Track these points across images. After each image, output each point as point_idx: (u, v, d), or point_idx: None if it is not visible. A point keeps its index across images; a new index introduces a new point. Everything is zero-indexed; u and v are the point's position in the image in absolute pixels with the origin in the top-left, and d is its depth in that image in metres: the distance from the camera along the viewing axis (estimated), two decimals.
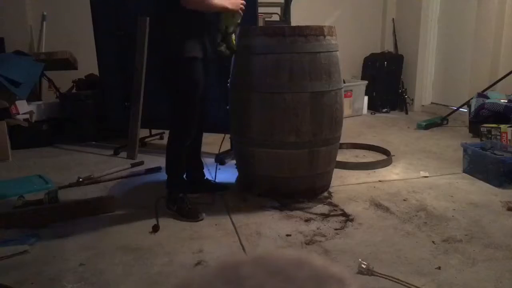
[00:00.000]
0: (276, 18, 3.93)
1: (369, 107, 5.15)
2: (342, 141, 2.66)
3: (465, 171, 2.84)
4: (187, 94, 2.18)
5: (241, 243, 1.97)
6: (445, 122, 4.33)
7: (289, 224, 2.14)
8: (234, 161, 2.72)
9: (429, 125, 4.21)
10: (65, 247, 1.93)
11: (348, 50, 4.40)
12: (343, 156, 3.17)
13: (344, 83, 3.02)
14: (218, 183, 2.63)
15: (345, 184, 2.70)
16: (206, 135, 3.69)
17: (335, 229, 2.08)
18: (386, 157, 3.17)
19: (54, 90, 4.07)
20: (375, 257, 1.81)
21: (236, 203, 2.43)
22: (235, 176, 2.68)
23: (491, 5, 4.06)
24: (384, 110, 5.14)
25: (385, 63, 5.17)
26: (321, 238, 1.99)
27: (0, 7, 4.34)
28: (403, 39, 5.32)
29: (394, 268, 1.72)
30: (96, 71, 3.82)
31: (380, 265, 1.72)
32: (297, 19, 3.95)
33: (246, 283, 0.31)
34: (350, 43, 4.78)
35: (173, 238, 2.00)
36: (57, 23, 4.52)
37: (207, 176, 2.66)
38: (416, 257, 1.80)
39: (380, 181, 2.76)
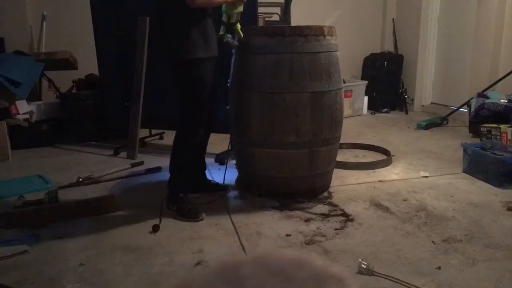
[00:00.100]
0: (276, 18, 3.93)
1: (369, 107, 5.15)
2: (342, 141, 2.66)
3: (465, 171, 2.84)
4: (194, 93, 2.17)
5: (241, 243, 1.97)
6: (445, 122, 4.33)
7: (289, 224, 2.14)
8: (234, 161, 2.72)
9: (429, 125, 4.21)
10: (65, 247, 1.93)
11: (348, 50, 4.40)
12: (343, 156, 3.17)
13: (344, 83, 3.02)
14: (218, 183, 2.63)
15: (345, 184, 2.70)
16: None
17: (335, 229, 2.08)
18: (386, 157, 3.17)
19: (54, 90, 4.07)
20: (375, 257, 1.81)
21: (236, 203, 2.43)
22: (235, 176, 2.68)
23: (491, 5, 4.06)
24: (384, 110, 5.14)
25: (385, 63, 5.17)
26: (321, 238, 1.99)
27: (0, 7, 4.34)
28: (403, 39, 5.32)
29: (394, 268, 1.72)
30: (96, 71, 3.82)
31: (380, 265, 1.72)
32: (297, 19, 3.95)
33: (246, 283, 0.31)
34: (350, 43, 4.78)
35: (173, 238, 2.00)
36: (57, 23, 4.51)
37: (208, 176, 2.66)
38: (416, 257, 1.80)
39: (380, 181, 2.76)
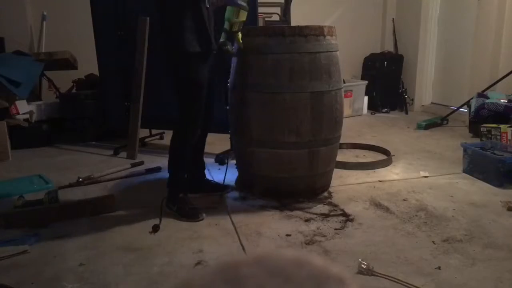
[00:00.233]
0: (276, 18, 3.93)
1: (369, 107, 5.15)
2: (342, 141, 2.66)
3: (465, 171, 2.84)
4: (190, 90, 2.15)
5: (241, 243, 1.97)
6: (445, 122, 4.33)
7: (289, 224, 2.14)
8: (234, 161, 2.72)
9: (429, 125, 4.21)
10: (65, 247, 1.93)
11: (348, 50, 4.40)
12: (343, 156, 3.17)
13: (344, 83, 3.02)
14: (218, 183, 2.62)
15: (345, 184, 2.70)
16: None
17: (335, 229, 2.08)
18: (386, 157, 3.17)
19: (54, 90, 4.07)
20: (375, 257, 1.81)
21: (236, 203, 2.43)
22: (235, 176, 2.68)
23: (491, 5, 4.06)
24: (384, 110, 5.14)
25: (385, 63, 5.17)
26: (321, 238, 1.99)
27: (0, 7, 4.34)
28: (403, 39, 5.33)
29: (394, 268, 1.72)
30: (96, 71, 3.82)
31: (380, 265, 1.72)
32: (297, 19, 3.96)
33: (246, 283, 0.31)
34: (350, 43, 4.78)
35: (173, 238, 2.00)
36: (57, 23, 4.52)
37: (208, 176, 2.65)
38: (416, 257, 1.80)
39: (380, 181, 2.76)
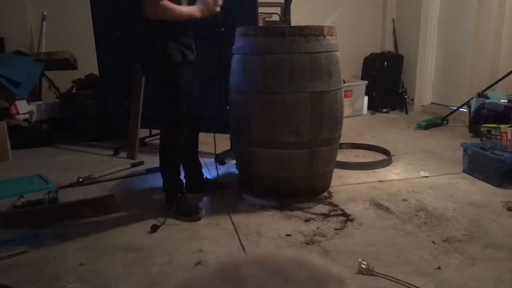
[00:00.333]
0: (276, 18, 3.93)
1: (369, 107, 5.15)
2: (342, 141, 2.66)
3: (465, 171, 2.84)
4: (173, 97, 2.19)
5: (241, 243, 1.97)
6: (445, 122, 4.33)
7: (289, 224, 2.14)
8: (234, 161, 2.72)
9: (429, 125, 4.21)
10: (65, 247, 1.93)
11: (348, 50, 4.40)
12: (343, 156, 3.17)
13: (344, 83, 3.02)
14: (218, 182, 2.63)
15: (345, 184, 2.70)
16: (206, 135, 3.71)
17: (335, 229, 2.08)
18: (386, 157, 3.17)
19: (54, 90, 4.07)
20: (375, 257, 1.81)
21: (236, 203, 2.43)
22: (235, 176, 2.68)
23: (491, 5, 4.06)
24: (384, 110, 5.14)
25: (385, 63, 5.17)
26: (321, 238, 1.99)
27: (0, 7, 4.34)
28: (403, 39, 5.33)
29: (394, 268, 1.72)
30: (96, 71, 3.82)
31: (380, 265, 1.72)
32: (297, 19, 3.95)
33: (246, 283, 0.31)
34: (350, 43, 4.78)
35: (173, 238, 2.00)
36: (57, 23, 4.52)
37: (208, 176, 2.66)
38: (416, 257, 1.80)
39: (380, 181, 2.76)
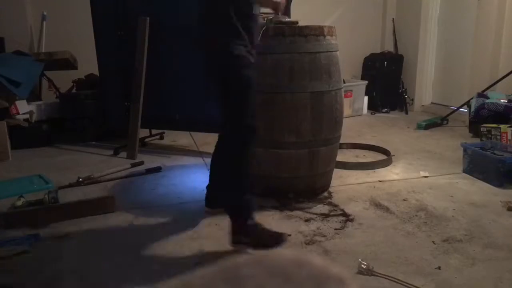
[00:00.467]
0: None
1: (369, 107, 5.15)
2: (342, 141, 2.66)
3: (465, 171, 2.84)
4: (243, 89, 1.86)
5: None
6: (445, 122, 4.33)
7: (289, 224, 2.14)
8: None
9: (429, 125, 4.21)
10: (65, 247, 1.93)
11: (348, 50, 4.39)
12: (343, 156, 3.17)
13: (344, 83, 3.02)
14: None
15: (345, 184, 2.70)
16: (206, 135, 3.71)
17: (335, 229, 2.08)
18: (386, 157, 3.17)
19: (54, 90, 4.07)
20: (375, 257, 1.81)
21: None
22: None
23: (491, 5, 4.06)
24: (384, 110, 5.13)
25: (385, 63, 5.17)
26: (321, 238, 1.99)
27: (0, 7, 4.34)
28: (403, 39, 5.32)
29: (394, 268, 1.72)
30: (96, 71, 3.82)
31: (380, 265, 1.72)
32: (297, 19, 3.94)
33: (246, 283, 0.31)
34: (350, 43, 4.78)
35: (173, 238, 2.00)
36: (57, 23, 4.51)
37: (207, 176, 2.64)
38: (416, 257, 1.80)
39: (380, 181, 2.75)
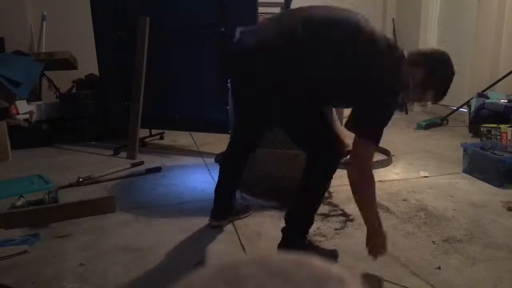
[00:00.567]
0: None
1: None
2: None
3: (465, 171, 2.84)
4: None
5: (241, 243, 1.97)
6: (445, 122, 4.33)
7: None
8: None
9: (429, 125, 4.21)
10: (65, 247, 1.93)
11: None
12: None
13: None
14: (241, 204, 2.34)
15: (345, 184, 2.67)
16: (206, 135, 3.71)
17: (335, 229, 2.08)
18: (386, 157, 3.17)
19: (54, 90, 4.07)
20: None
21: (236, 203, 2.42)
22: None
23: (491, 5, 4.06)
24: None
25: None
26: (321, 238, 1.99)
27: (0, 7, 4.34)
28: (403, 39, 5.32)
29: (394, 268, 1.72)
30: (96, 71, 3.82)
31: (380, 265, 1.72)
32: None
33: (246, 283, 0.31)
34: None
35: (173, 238, 2.00)
36: (57, 23, 4.51)
37: (208, 176, 2.65)
38: (416, 257, 1.80)
39: (380, 181, 2.75)
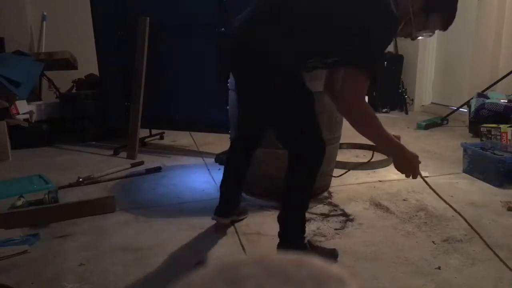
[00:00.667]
0: None
1: None
2: (342, 141, 2.66)
3: (465, 171, 2.84)
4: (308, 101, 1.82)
5: (241, 243, 1.97)
6: (445, 122, 4.33)
7: None
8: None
9: (429, 125, 4.21)
10: (65, 247, 1.93)
11: None
12: (343, 156, 3.17)
13: None
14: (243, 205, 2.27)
15: (345, 184, 2.70)
16: (206, 135, 3.71)
17: (335, 229, 2.08)
18: (386, 157, 3.17)
19: (54, 90, 4.07)
20: (375, 257, 1.81)
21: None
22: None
23: (491, 5, 4.06)
24: (384, 110, 5.13)
25: (385, 63, 5.17)
26: (321, 238, 1.99)
27: (0, 7, 4.34)
28: (403, 39, 5.31)
29: (394, 268, 1.72)
30: (96, 71, 3.82)
31: (380, 265, 1.72)
32: None
33: (246, 283, 0.31)
34: None
35: (173, 238, 2.00)
36: (57, 23, 4.52)
37: (208, 176, 2.65)
38: (416, 257, 1.80)
39: (380, 181, 2.75)
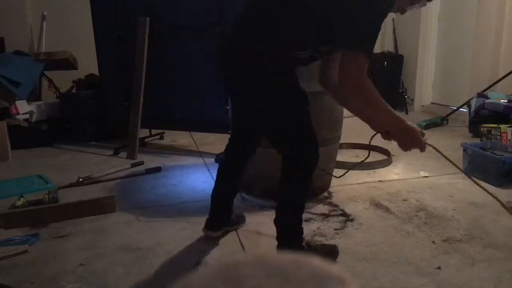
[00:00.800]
0: None
1: None
2: (342, 141, 2.66)
3: (465, 171, 2.84)
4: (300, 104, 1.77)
5: (241, 243, 1.97)
6: (445, 122, 4.33)
7: None
8: None
9: (429, 125, 4.20)
10: (65, 247, 1.93)
11: None
12: (343, 156, 3.17)
13: None
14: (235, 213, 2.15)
15: (345, 184, 2.69)
16: (206, 135, 3.71)
17: (335, 229, 2.08)
18: (386, 157, 3.17)
19: (54, 90, 4.08)
20: (375, 257, 1.81)
21: (236, 203, 2.42)
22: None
23: (491, 5, 4.05)
24: None
25: (385, 63, 5.17)
26: (321, 238, 1.99)
27: (0, 7, 4.34)
28: (403, 39, 5.32)
29: (394, 268, 1.72)
30: (96, 71, 3.82)
31: (380, 265, 1.72)
32: None
33: (246, 283, 0.31)
34: None
35: (173, 238, 2.00)
36: (57, 23, 4.52)
37: (208, 176, 2.65)
38: (416, 257, 1.80)
39: (380, 181, 2.75)
